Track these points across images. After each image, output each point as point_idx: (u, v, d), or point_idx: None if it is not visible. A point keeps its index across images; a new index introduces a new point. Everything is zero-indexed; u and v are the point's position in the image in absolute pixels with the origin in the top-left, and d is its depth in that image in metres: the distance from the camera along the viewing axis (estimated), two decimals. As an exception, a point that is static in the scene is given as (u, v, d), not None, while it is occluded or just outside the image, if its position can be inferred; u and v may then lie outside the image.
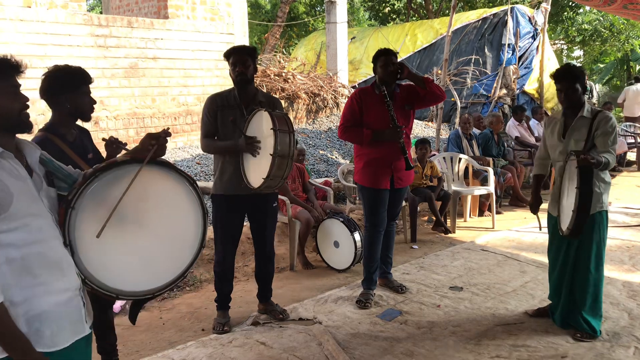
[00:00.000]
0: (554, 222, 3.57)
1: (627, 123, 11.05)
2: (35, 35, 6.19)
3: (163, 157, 1.99)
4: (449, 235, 6.10)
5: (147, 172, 1.91)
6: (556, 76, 3.43)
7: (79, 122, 2.76)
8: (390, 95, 3.93)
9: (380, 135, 3.90)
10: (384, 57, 3.92)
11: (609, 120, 3.29)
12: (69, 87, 2.59)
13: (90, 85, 2.71)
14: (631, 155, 10.93)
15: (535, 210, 3.76)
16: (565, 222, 3.28)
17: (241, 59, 3.51)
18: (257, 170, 3.37)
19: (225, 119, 3.56)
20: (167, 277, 1.95)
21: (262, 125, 3.35)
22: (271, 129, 3.20)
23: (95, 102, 2.75)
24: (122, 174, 1.86)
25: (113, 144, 2.79)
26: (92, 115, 2.77)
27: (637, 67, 23.05)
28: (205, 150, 3.74)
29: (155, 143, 1.91)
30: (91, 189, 1.81)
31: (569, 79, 3.35)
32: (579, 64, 25.47)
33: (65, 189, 1.88)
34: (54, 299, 1.68)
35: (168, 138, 1.98)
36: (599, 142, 3.28)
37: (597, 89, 21.86)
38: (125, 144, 2.70)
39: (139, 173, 1.84)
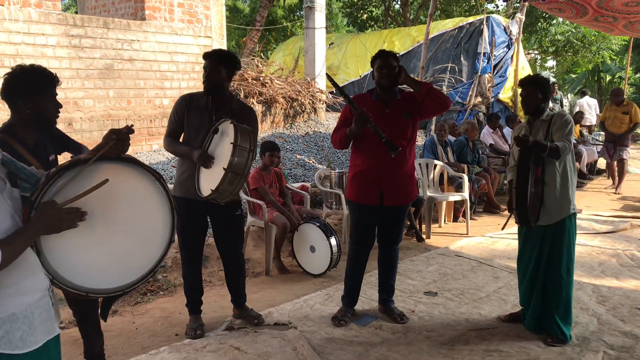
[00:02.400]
0: (524, 231, 3.66)
1: (599, 132, 11.40)
2: (7, 34, 6.06)
3: (127, 154, 1.96)
4: (424, 240, 6.15)
5: (111, 169, 1.89)
6: (520, 82, 3.67)
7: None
8: (388, 102, 3.63)
9: (351, 131, 3.54)
10: (380, 59, 3.60)
11: (564, 116, 3.52)
12: (29, 90, 2.44)
13: (65, 86, 2.60)
14: (601, 164, 11.17)
15: (512, 207, 3.70)
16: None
17: (212, 64, 3.44)
18: (209, 180, 3.32)
19: (191, 120, 3.49)
20: (137, 273, 1.93)
21: (226, 137, 3.31)
22: (231, 143, 3.15)
23: (60, 107, 2.59)
24: (85, 173, 1.83)
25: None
26: (56, 121, 2.60)
27: (608, 78, 23.65)
28: (166, 149, 3.66)
29: (115, 138, 1.88)
30: (54, 188, 1.78)
31: (531, 85, 3.56)
32: (551, 74, 26.05)
33: (29, 189, 1.83)
34: (23, 299, 1.65)
35: (131, 135, 1.94)
36: (556, 136, 3.45)
37: (569, 98, 22.35)
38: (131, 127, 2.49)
39: (99, 170, 1.83)
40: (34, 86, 2.46)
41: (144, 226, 1.96)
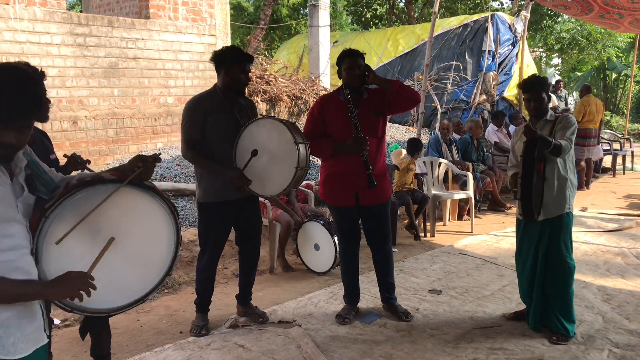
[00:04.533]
0: (522, 226, 3.67)
1: (604, 130, 11.38)
2: (12, 33, 6.08)
3: (149, 181, 1.97)
4: (428, 238, 6.14)
5: (131, 193, 1.89)
6: (524, 86, 3.60)
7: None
8: (357, 102, 3.57)
9: (341, 148, 3.54)
10: (349, 59, 3.55)
11: (569, 117, 3.55)
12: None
13: (70, 85, 2.63)
14: (607, 162, 11.12)
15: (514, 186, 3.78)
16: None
17: (248, 68, 3.44)
18: (262, 178, 3.37)
19: (215, 123, 3.40)
20: (125, 299, 1.92)
21: (271, 134, 3.31)
22: (293, 142, 3.21)
23: (50, 102, 2.57)
24: (104, 192, 1.81)
25: (77, 159, 2.71)
26: (49, 115, 2.60)
27: (614, 76, 23.53)
28: (190, 161, 3.56)
29: (142, 165, 1.89)
30: (70, 201, 1.76)
31: (536, 88, 3.52)
32: (556, 72, 25.93)
33: (44, 193, 1.82)
34: (16, 306, 1.64)
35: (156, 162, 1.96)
36: (558, 134, 3.48)
37: (574, 96, 22.27)
38: (88, 162, 2.63)
39: (117, 192, 1.82)
40: None
41: (145, 257, 1.95)
